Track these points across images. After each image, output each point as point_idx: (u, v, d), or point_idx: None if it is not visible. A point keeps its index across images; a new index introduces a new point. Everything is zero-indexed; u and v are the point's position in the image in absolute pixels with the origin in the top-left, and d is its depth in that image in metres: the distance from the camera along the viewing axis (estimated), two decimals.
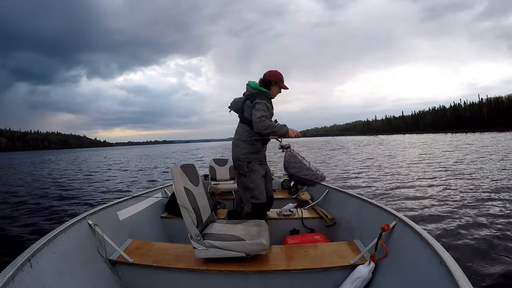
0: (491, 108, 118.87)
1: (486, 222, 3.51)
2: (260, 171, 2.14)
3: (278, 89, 2.23)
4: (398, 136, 70.67)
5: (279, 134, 2.08)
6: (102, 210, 1.88)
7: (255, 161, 2.13)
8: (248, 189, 2.13)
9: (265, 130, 1.99)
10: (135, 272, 1.60)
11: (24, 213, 5.23)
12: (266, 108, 2.05)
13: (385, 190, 5.88)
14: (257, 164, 2.14)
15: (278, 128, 2.03)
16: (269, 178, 2.33)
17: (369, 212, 1.92)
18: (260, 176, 2.14)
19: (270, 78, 2.17)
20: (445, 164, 9.70)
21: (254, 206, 2.11)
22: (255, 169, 2.11)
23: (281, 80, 2.20)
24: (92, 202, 6.09)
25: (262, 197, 2.12)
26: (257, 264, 1.55)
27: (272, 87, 2.19)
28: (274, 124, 2.03)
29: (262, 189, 2.13)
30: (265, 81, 2.18)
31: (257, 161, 2.15)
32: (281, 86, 2.22)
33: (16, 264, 1.08)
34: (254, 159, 2.13)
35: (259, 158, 2.18)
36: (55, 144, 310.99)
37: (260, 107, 2.03)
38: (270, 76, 2.18)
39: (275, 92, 2.22)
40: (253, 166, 2.11)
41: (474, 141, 24.28)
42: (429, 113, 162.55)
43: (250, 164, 2.11)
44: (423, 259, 1.21)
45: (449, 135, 53.40)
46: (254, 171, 2.11)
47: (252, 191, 2.11)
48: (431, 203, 4.58)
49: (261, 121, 1.97)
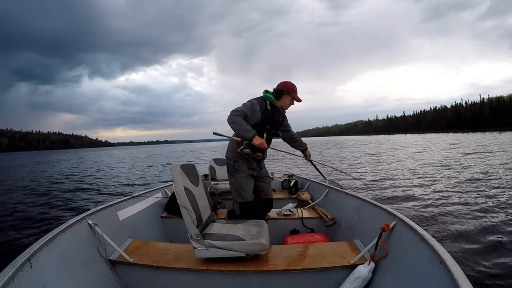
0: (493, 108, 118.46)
1: (487, 222, 3.51)
2: (245, 171, 2.13)
3: (291, 99, 2.21)
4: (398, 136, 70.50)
5: (243, 136, 1.98)
6: (102, 210, 1.88)
7: (240, 161, 2.12)
8: (234, 188, 2.16)
9: (231, 123, 1.95)
10: (135, 272, 1.60)
11: (24, 213, 5.23)
12: (251, 106, 2.01)
13: (384, 190, 5.89)
14: (244, 165, 2.13)
15: (243, 129, 1.93)
16: (267, 181, 2.31)
17: (369, 212, 1.92)
18: (246, 176, 2.13)
19: (282, 88, 2.18)
20: (445, 164, 9.70)
21: (241, 205, 2.13)
22: (240, 169, 2.12)
23: (293, 91, 2.19)
24: (92, 202, 6.10)
25: (247, 196, 2.12)
26: (257, 264, 1.55)
27: (283, 97, 2.19)
28: (242, 123, 1.94)
29: (247, 188, 2.13)
30: (276, 91, 2.19)
31: (245, 163, 2.14)
32: (293, 97, 2.20)
33: (16, 264, 1.08)
34: (240, 159, 2.11)
35: (249, 161, 2.15)
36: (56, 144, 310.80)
37: (244, 104, 2.04)
38: (282, 86, 2.19)
39: (286, 102, 2.21)
40: (239, 167, 2.12)
41: (471, 141, 24.19)
42: (430, 112, 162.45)
43: (236, 163, 2.12)
44: (423, 259, 1.20)
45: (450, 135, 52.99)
46: (239, 171, 2.12)
47: (237, 190, 2.13)
48: (431, 203, 4.58)
49: (233, 114, 1.95)
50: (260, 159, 2.23)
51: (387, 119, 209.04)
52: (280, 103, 2.20)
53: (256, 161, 2.20)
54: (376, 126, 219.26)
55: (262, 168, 2.30)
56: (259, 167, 2.25)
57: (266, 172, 2.35)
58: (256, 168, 2.22)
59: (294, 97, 2.20)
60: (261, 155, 2.20)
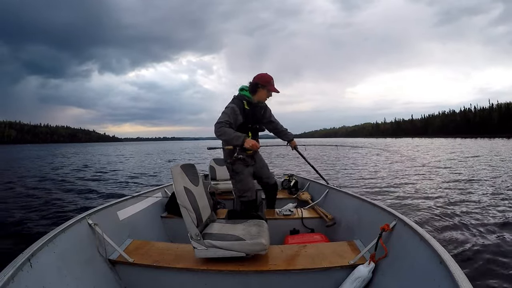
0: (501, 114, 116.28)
1: (487, 222, 3.51)
2: (244, 171, 2.21)
3: (267, 92, 2.17)
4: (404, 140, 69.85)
5: (235, 144, 2.01)
6: (102, 210, 1.88)
7: (238, 163, 2.17)
8: (237, 188, 2.26)
9: (220, 136, 1.98)
10: (135, 272, 1.60)
11: (24, 213, 5.23)
12: (232, 112, 2.02)
13: (384, 189, 5.89)
14: (241, 165, 2.20)
15: (233, 138, 1.98)
16: (262, 165, 2.36)
17: (369, 212, 1.92)
18: (247, 175, 2.21)
19: (257, 80, 2.14)
20: (447, 166, 9.70)
21: (243, 204, 2.23)
22: (239, 171, 2.20)
23: (269, 83, 2.14)
24: (92, 202, 6.09)
25: (249, 194, 2.22)
26: (257, 264, 1.54)
27: (259, 90, 2.14)
28: (230, 132, 1.96)
29: (248, 187, 2.22)
30: (251, 84, 2.15)
31: (242, 163, 2.19)
32: (269, 89, 2.16)
33: (16, 263, 1.08)
34: (236, 161, 2.15)
35: (245, 160, 2.19)
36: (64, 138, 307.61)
37: (224, 111, 2.04)
38: (257, 78, 2.14)
39: (262, 95, 2.17)
40: (237, 169, 2.19)
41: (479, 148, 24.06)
42: (438, 117, 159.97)
43: (234, 166, 2.19)
44: (423, 259, 1.20)
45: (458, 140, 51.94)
46: (238, 172, 2.20)
47: (240, 190, 2.23)
48: (431, 203, 4.58)
49: (219, 126, 1.96)
50: (253, 155, 2.29)
51: (395, 122, 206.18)
52: (256, 97, 2.17)
53: (250, 157, 2.27)
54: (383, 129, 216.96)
55: (256, 161, 2.35)
56: (253, 160, 2.31)
57: (261, 159, 2.38)
58: (251, 163, 2.28)
59: (270, 89, 2.16)
60: (251, 152, 2.21)
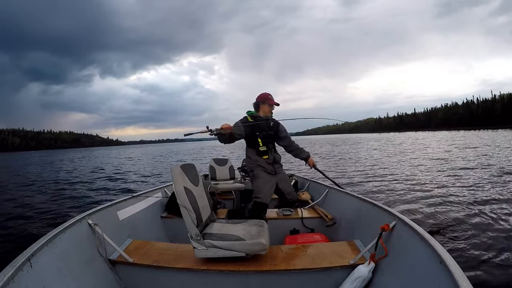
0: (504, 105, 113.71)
1: (487, 222, 3.51)
2: (263, 177, 2.44)
3: (268, 106, 2.57)
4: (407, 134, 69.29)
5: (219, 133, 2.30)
6: (102, 210, 1.89)
7: (258, 169, 2.46)
8: (253, 190, 2.47)
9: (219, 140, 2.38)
10: (135, 272, 1.60)
11: (24, 212, 5.23)
12: (235, 126, 2.40)
13: (384, 189, 5.89)
14: (262, 172, 2.45)
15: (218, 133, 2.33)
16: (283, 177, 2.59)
17: (369, 212, 1.93)
18: (263, 181, 2.43)
19: (258, 100, 2.59)
20: (447, 164, 9.70)
21: (255, 203, 2.38)
22: (259, 176, 2.45)
23: (267, 99, 2.56)
24: (92, 202, 6.09)
25: (262, 196, 2.37)
26: (257, 264, 1.55)
27: (262, 106, 2.58)
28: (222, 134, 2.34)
29: (263, 191, 2.39)
30: (255, 104, 2.61)
31: (261, 169, 2.46)
32: (269, 103, 2.56)
33: (16, 263, 1.08)
34: (256, 167, 2.47)
35: (264, 167, 2.46)
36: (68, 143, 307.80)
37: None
38: (258, 98, 2.59)
39: (266, 110, 2.57)
40: (257, 174, 2.46)
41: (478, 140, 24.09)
42: (441, 110, 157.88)
43: (253, 172, 2.49)
44: (423, 259, 1.21)
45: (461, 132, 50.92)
46: (257, 177, 2.45)
47: (255, 192, 2.43)
48: (431, 203, 4.58)
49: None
50: (270, 162, 2.49)
51: (397, 117, 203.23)
52: (261, 113, 2.57)
53: (268, 164, 2.48)
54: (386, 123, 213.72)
55: (277, 172, 2.53)
56: (274, 171, 2.50)
57: (283, 175, 2.62)
58: (271, 172, 2.49)
59: (270, 103, 2.57)
60: (267, 157, 2.48)
